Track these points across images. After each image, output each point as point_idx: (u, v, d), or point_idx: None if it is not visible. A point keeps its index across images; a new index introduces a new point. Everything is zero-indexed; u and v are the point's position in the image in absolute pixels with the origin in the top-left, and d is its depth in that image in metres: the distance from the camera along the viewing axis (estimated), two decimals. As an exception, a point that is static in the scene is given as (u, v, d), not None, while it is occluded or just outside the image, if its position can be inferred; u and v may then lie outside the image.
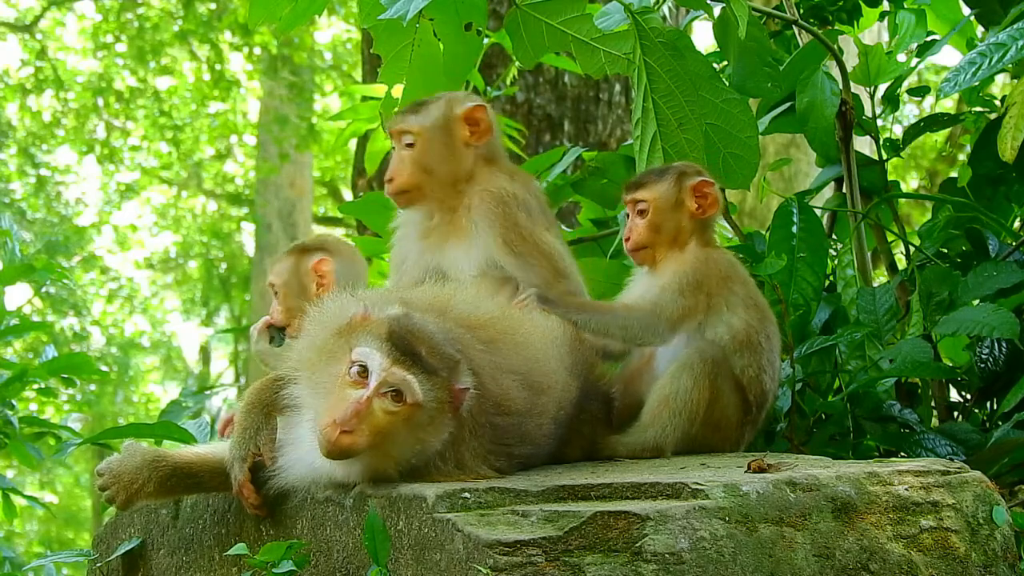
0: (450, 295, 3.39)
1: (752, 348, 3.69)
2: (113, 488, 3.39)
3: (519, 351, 3.32)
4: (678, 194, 3.77)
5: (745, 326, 3.69)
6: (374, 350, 2.95)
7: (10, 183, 20.28)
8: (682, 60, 3.98)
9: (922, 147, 14.89)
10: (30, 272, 5.41)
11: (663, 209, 3.77)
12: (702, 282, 3.69)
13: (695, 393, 3.57)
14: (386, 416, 2.93)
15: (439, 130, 4.02)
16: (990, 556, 2.98)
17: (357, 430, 2.88)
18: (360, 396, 2.91)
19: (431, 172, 4.01)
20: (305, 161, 19.19)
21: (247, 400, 3.31)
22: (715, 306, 3.69)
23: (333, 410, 2.90)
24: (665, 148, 3.99)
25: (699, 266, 3.72)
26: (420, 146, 4.00)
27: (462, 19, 4.23)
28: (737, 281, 3.76)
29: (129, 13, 19.19)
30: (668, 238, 3.78)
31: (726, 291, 3.71)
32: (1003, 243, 4.58)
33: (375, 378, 2.92)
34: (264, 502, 3.28)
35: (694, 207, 3.77)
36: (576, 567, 2.65)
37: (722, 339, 3.67)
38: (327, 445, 2.89)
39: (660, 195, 3.77)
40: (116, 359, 21.78)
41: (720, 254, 3.82)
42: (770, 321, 3.79)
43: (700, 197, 3.78)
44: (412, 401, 2.93)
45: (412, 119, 4.01)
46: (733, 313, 3.69)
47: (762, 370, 3.70)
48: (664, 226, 3.77)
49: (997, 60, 4.14)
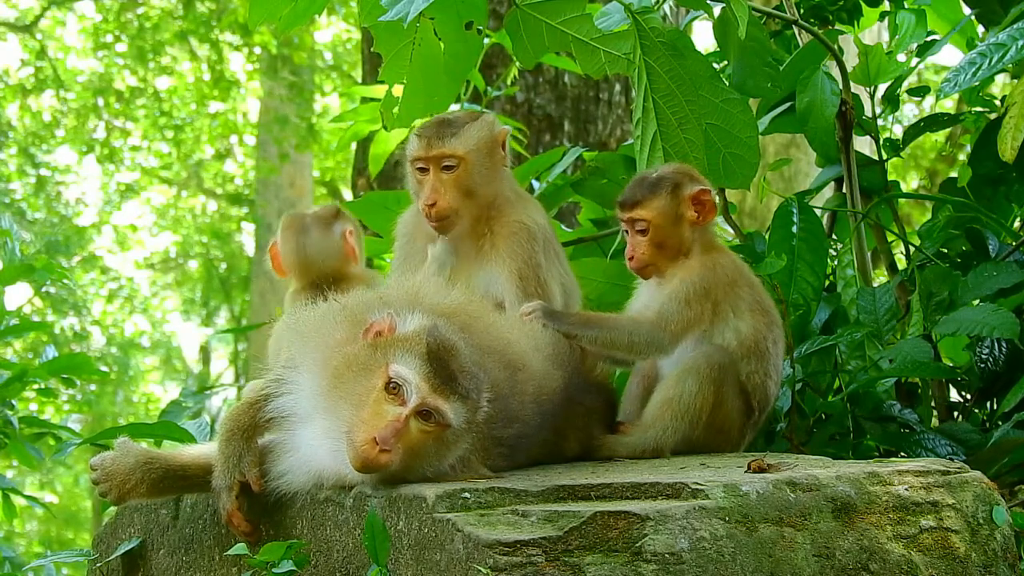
0: (418, 285, 3.39)
1: (759, 354, 3.68)
2: (105, 485, 3.41)
3: (491, 332, 3.35)
4: (676, 208, 3.72)
5: (753, 332, 3.68)
6: (411, 371, 2.97)
7: (10, 183, 20.28)
8: (682, 60, 3.98)
9: (922, 147, 14.89)
10: (30, 272, 5.40)
11: (663, 226, 3.72)
12: (709, 290, 3.66)
13: (699, 398, 3.56)
14: (420, 435, 2.96)
15: (483, 153, 3.95)
16: (990, 556, 2.98)
17: (394, 449, 2.91)
18: (399, 415, 2.93)
19: (473, 195, 3.93)
20: (305, 161, 19.19)
21: (226, 427, 3.29)
22: (721, 312, 3.67)
23: (369, 426, 2.91)
24: (665, 148, 3.99)
25: (706, 273, 3.69)
26: (464, 168, 3.90)
27: (463, 19, 4.23)
28: (744, 285, 3.74)
29: (129, 13, 19.19)
30: (672, 252, 3.74)
31: (733, 296, 3.69)
32: (1003, 243, 4.58)
33: (414, 399, 2.95)
34: (254, 529, 3.28)
35: (694, 217, 3.73)
36: (576, 567, 2.65)
37: (730, 344, 3.66)
38: (364, 461, 2.90)
39: (659, 212, 3.72)
40: (116, 359, 21.78)
41: (726, 258, 3.79)
42: (777, 325, 3.77)
43: (698, 205, 3.73)
44: (445, 422, 2.97)
45: (455, 142, 3.90)
46: (740, 319, 3.68)
47: (767, 376, 3.70)
48: (667, 242, 3.73)
49: (997, 60, 4.14)
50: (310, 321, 3.24)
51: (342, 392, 3.01)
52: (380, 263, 5.98)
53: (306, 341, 3.20)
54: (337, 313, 3.21)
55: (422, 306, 3.18)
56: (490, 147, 3.96)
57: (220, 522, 3.46)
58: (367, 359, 3.02)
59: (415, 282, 3.44)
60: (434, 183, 3.91)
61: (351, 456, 2.91)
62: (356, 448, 2.90)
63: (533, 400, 3.36)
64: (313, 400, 3.08)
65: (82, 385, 16.18)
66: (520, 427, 3.28)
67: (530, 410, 3.34)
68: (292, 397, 3.15)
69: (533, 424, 3.35)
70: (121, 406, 22.40)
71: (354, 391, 2.99)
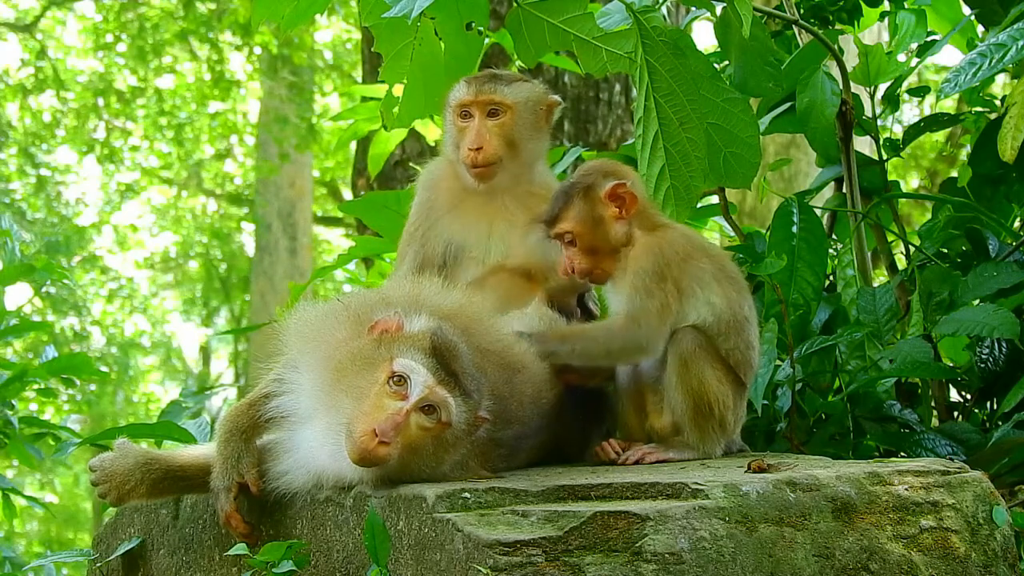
0: (420, 286, 3.39)
1: (738, 326, 3.56)
2: (105, 486, 3.41)
3: (490, 334, 3.36)
4: (594, 210, 3.61)
5: (727, 303, 3.55)
6: (418, 364, 2.98)
7: (10, 183, 20.28)
8: (684, 59, 3.98)
9: (922, 147, 14.90)
10: (30, 272, 5.41)
11: (587, 232, 3.61)
12: (663, 271, 3.53)
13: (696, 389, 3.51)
14: (419, 431, 2.96)
15: (530, 109, 3.99)
16: (990, 556, 2.98)
17: (393, 442, 2.90)
18: (400, 408, 2.93)
19: (516, 148, 3.96)
20: (305, 161, 19.20)
21: (225, 428, 3.29)
22: (686, 289, 3.54)
23: (369, 418, 2.91)
24: (667, 147, 3.98)
25: (655, 257, 3.55)
26: (510, 118, 3.94)
27: (464, 18, 4.23)
28: (700, 256, 3.59)
29: (129, 13, 19.19)
30: (609, 252, 3.62)
31: (692, 270, 3.55)
32: (1003, 243, 4.58)
33: (417, 393, 2.95)
34: (252, 530, 3.28)
35: (616, 213, 3.61)
36: (576, 567, 2.65)
37: (707, 321, 3.53)
38: (361, 452, 2.89)
39: (577, 220, 3.61)
40: (116, 359, 21.78)
41: (673, 233, 3.64)
42: (746, 290, 3.66)
43: (617, 200, 3.61)
44: (445, 420, 2.97)
45: (505, 90, 3.94)
46: (709, 291, 3.55)
47: (749, 347, 3.59)
48: (598, 246, 3.62)
49: (997, 60, 4.14)
50: (311, 321, 3.24)
51: (343, 386, 3.01)
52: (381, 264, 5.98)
53: (307, 341, 3.19)
54: (340, 313, 3.21)
55: (423, 307, 3.19)
56: (536, 107, 4.01)
57: (220, 522, 3.46)
58: (371, 354, 3.03)
59: (416, 283, 3.44)
60: (479, 128, 3.92)
61: (349, 448, 2.91)
62: (355, 439, 2.90)
63: (532, 402, 3.36)
64: (314, 398, 3.08)
65: (82, 385, 16.17)
66: (519, 428, 3.29)
67: (529, 412, 3.34)
68: (292, 396, 3.15)
69: (532, 426, 3.35)
70: (121, 406, 22.41)
71: (356, 384, 2.99)
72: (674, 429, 3.53)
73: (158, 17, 18.94)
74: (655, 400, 3.60)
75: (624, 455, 3.48)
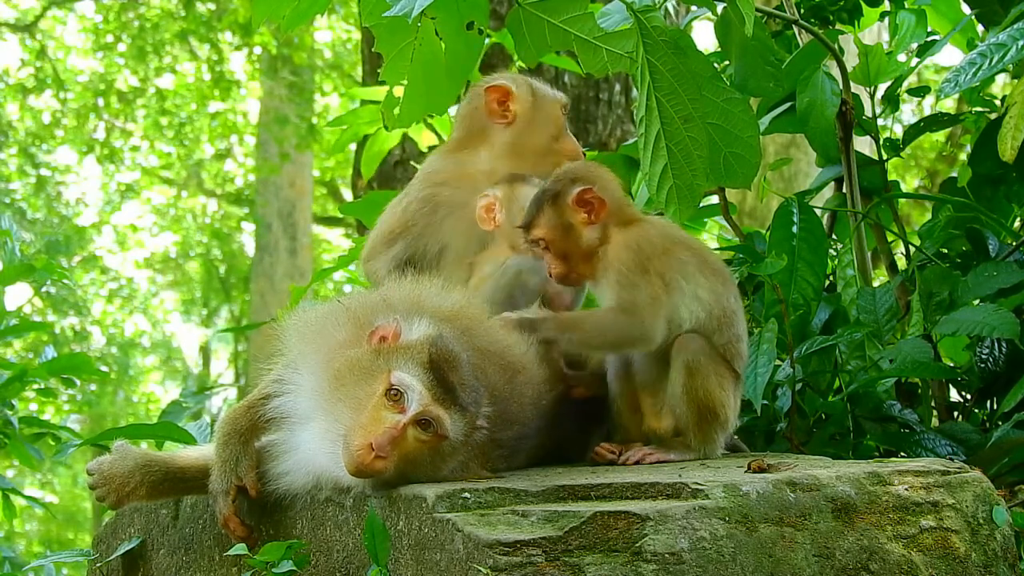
0: (420, 288, 3.39)
1: (727, 320, 3.53)
2: (103, 489, 3.40)
3: (490, 335, 3.35)
4: (562, 217, 3.60)
5: (714, 296, 3.52)
6: (414, 379, 2.98)
7: (10, 183, 20.28)
8: (684, 59, 3.97)
9: (922, 147, 14.90)
10: (30, 272, 5.40)
11: (558, 238, 3.60)
12: (644, 264, 3.50)
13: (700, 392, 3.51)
14: (416, 444, 2.96)
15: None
16: (990, 556, 2.98)
17: (389, 456, 2.91)
18: (397, 422, 2.93)
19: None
20: (305, 161, 19.20)
21: (224, 430, 3.29)
22: (671, 282, 3.50)
23: (366, 431, 2.91)
24: (669, 146, 3.97)
25: (633, 253, 3.52)
26: None
27: (464, 18, 4.22)
28: (680, 249, 3.57)
29: (130, 13, 19.20)
30: (584, 253, 3.60)
31: (674, 263, 3.53)
32: (1003, 243, 4.58)
33: (413, 408, 2.95)
34: (251, 532, 3.28)
35: (585, 219, 3.59)
36: (576, 567, 2.64)
37: (698, 317, 3.51)
38: (358, 466, 2.90)
39: (548, 227, 3.61)
40: (116, 359, 21.79)
41: (649, 228, 3.62)
42: (731, 281, 3.63)
43: (585, 206, 3.59)
44: (442, 433, 2.97)
45: None
46: (695, 284, 3.52)
47: (739, 339, 3.58)
48: (571, 251, 3.60)
49: (997, 60, 4.14)
50: (312, 321, 3.23)
51: (342, 395, 3.01)
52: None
53: (307, 342, 3.19)
54: (340, 314, 3.20)
55: (424, 310, 3.18)
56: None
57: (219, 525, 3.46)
58: (369, 364, 3.02)
59: (416, 284, 3.44)
60: None
61: (346, 460, 2.91)
62: (351, 453, 2.90)
63: (532, 403, 3.36)
64: (313, 401, 3.08)
65: (82, 385, 16.17)
66: (519, 429, 3.28)
67: (529, 413, 3.34)
68: (292, 397, 3.15)
69: (532, 427, 3.35)
70: (121, 406, 22.41)
71: (354, 395, 2.99)
72: (675, 431, 3.53)
73: (158, 17, 18.95)
74: (652, 403, 3.58)
75: (624, 455, 3.48)
